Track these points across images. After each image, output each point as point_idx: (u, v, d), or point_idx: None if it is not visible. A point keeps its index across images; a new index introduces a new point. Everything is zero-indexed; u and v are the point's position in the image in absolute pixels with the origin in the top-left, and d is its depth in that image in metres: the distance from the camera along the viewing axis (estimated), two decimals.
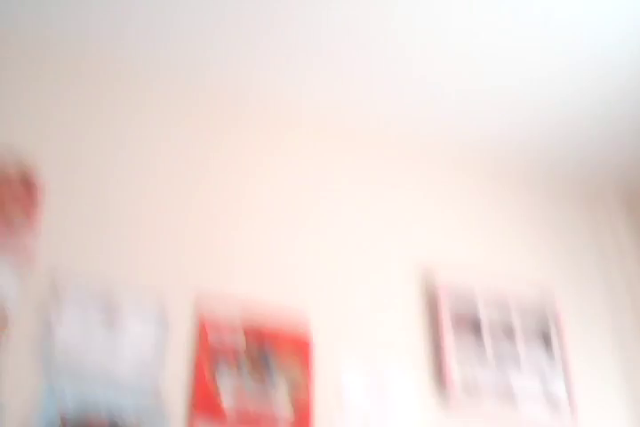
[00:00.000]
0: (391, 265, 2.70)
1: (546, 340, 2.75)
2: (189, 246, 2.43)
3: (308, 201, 2.70)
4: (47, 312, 2.15)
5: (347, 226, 2.71)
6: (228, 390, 2.23)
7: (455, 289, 2.69)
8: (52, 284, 2.19)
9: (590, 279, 3.00)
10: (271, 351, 2.34)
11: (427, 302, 2.68)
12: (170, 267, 2.37)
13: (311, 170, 2.78)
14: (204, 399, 2.19)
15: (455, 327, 2.63)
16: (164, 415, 2.13)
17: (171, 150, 2.60)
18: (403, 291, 2.66)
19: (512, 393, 2.57)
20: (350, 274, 2.61)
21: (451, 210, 2.92)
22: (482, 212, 2.97)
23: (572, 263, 2.99)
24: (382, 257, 2.70)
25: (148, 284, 2.31)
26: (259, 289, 2.43)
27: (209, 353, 2.26)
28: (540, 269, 2.92)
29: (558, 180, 3.19)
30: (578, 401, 2.64)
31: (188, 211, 2.50)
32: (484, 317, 2.69)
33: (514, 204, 3.05)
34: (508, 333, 2.71)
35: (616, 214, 3.19)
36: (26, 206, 2.27)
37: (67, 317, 2.16)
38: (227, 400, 2.21)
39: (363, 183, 2.84)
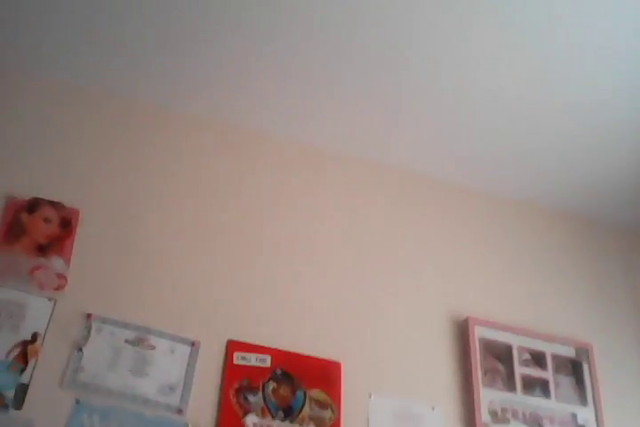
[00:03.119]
0: (420, 301, 2.70)
1: (576, 369, 2.72)
2: (222, 294, 2.44)
3: (340, 250, 2.70)
4: (76, 337, 2.18)
5: (379, 273, 2.70)
6: (255, 413, 2.24)
7: (484, 318, 2.69)
8: (81, 311, 2.23)
9: (626, 326, 2.97)
10: (299, 378, 2.35)
11: (456, 332, 2.67)
12: (201, 311, 2.39)
13: (342, 219, 2.78)
14: (230, 423, 2.20)
15: (483, 354, 2.61)
16: None
17: (205, 197, 2.63)
18: (432, 324, 2.67)
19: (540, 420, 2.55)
20: (382, 317, 2.60)
21: (482, 258, 2.91)
22: (513, 259, 2.96)
23: (608, 312, 2.96)
24: (411, 297, 2.70)
25: (178, 328, 2.32)
26: (290, 338, 2.42)
27: (236, 374, 2.29)
28: (575, 317, 2.90)
29: (596, 228, 3.18)
30: None
31: (220, 258, 2.52)
32: (514, 344, 2.68)
33: (549, 250, 3.04)
34: (538, 360, 2.69)
35: None
36: (60, 239, 2.35)
37: (96, 341, 2.20)
38: (253, 422, 2.22)
39: (398, 230, 2.84)
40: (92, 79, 2.66)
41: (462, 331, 2.66)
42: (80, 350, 2.15)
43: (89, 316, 2.22)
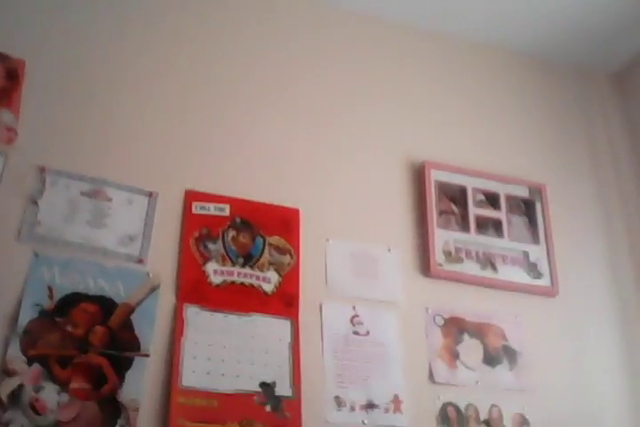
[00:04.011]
0: (377, 146, 2.71)
1: (529, 209, 2.79)
2: (178, 144, 2.42)
3: (296, 96, 2.67)
4: (31, 190, 2.16)
5: (336, 119, 2.69)
6: (215, 260, 2.27)
7: (440, 162, 2.72)
8: (34, 165, 2.19)
9: (580, 166, 3.01)
10: (258, 225, 2.38)
11: (412, 177, 2.69)
12: (157, 162, 2.37)
13: (296, 63, 2.73)
14: (190, 270, 2.24)
15: (439, 196, 2.66)
16: (152, 285, 2.18)
17: (162, 43, 2.56)
18: (389, 169, 2.69)
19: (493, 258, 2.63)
20: (339, 163, 2.62)
21: (438, 102, 2.90)
22: (468, 102, 2.95)
23: (562, 153, 2.99)
24: (368, 142, 2.70)
25: (134, 179, 2.31)
26: (249, 187, 2.42)
27: (195, 224, 2.31)
28: (530, 159, 2.93)
29: (551, 69, 3.16)
30: (558, 268, 2.69)
31: (175, 106, 2.47)
32: (469, 185, 2.72)
33: (506, 92, 3.04)
34: (492, 201, 2.75)
35: (609, 103, 3.18)
36: (7, 91, 2.26)
37: (51, 195, 2.17)
38: (213, 269, 2.27)
39: (354, 76, 2.80)
40: None
41: (418, 175, 2.69)
42: (35, 203, 2.14)
43: (42, 169, 2.19)
